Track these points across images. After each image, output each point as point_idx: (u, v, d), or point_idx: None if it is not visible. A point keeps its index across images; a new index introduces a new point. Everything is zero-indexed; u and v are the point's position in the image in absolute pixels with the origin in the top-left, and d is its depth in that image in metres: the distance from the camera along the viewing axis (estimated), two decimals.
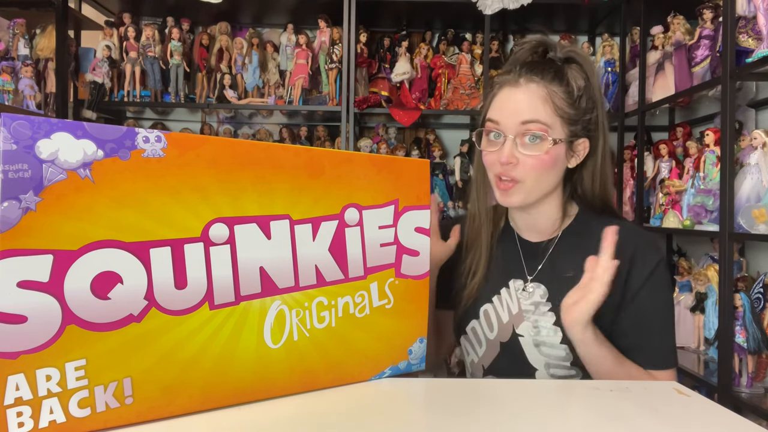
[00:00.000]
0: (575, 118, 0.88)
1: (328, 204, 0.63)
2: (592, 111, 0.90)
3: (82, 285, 0.49)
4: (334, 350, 0.66)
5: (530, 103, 0.86)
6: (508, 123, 0.87)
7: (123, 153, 0.51)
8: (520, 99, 0.87)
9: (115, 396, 0.51)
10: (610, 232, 0.81)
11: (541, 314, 0.91)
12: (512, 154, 0.87)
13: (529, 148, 0.86)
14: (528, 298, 0.93)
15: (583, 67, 0.90)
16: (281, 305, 0.61)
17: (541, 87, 0.87)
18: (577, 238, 0.93)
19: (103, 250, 0.50)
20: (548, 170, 0.88)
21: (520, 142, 0.87)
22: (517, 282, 0.95)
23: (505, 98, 0.89)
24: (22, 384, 0.47)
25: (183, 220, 0.54)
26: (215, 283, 0.56)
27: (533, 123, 0.86)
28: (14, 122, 0.46)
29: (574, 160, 0.92)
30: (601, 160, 0.93)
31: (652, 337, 0.88)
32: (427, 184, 0.73)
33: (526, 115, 0.86)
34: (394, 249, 0.70)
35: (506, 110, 0.88)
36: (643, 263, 0.88)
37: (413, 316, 0.72)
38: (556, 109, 0.87)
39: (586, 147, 0.92)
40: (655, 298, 0.89)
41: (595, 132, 0.92)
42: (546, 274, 0.94)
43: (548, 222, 0.95)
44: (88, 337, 0.50)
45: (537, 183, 0.88)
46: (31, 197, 0.46)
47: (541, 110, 0.86)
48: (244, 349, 0.59)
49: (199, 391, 0.56)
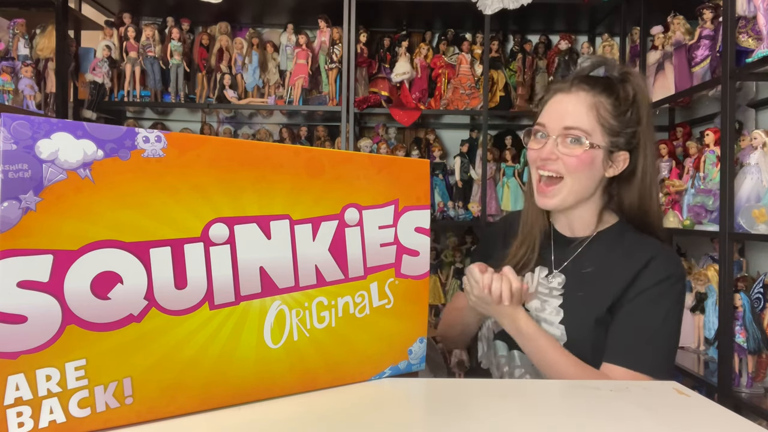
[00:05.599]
0: (617, 129, 0.95)
1: (328, 204, 0.63)
2: (635, 126, 0.96)
3: (82, 285, 0.49)
4: (334, 350, 0.66)
5: (575, 109, 0.94)
6: (552, 125, 0.95)
7: (123, 153, 0.51)
8: (567, 104, 0.95)
9: (115, 396, 0.51)
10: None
11: (552, 296, 0.97)
12: (552, 151, 0.94)
13: (568, 147, 0.94)
14: (548, 284, 0.99)
15: (634, 85, 0.97)
16: (281, 305, 0.61)
17: (589, 96, 0.94)
18: (608, 242, 0.99)
19: (103, 250, 0.50)
20: (585, 171, 0.94)
21: (561, 141, 0.94)
22: (543, 270, 1.02)
23: (555, 103, 0.97)
24: (22, 384, 0.47)
25: (183, 220, 0.54)
26: (215, 283, 0.56)
27: (575, 129, 0.93)
28: (14, 122, 0.46)
29: (612, 170, 0.97)
30: (641, 178, 0.98)
31: (632, 338, 0.89)
32: (427, 184, 0.73)
33: (569, 120, 0.94)
34: (394, 249, 0.70)
35: (553, 114, 0.96)
36: (655, 270, 0.92)
37: (413, 316, 0.73)
38: (598, 117, 0.94)
39: (626, 160, 0.97)
40: (651, 305, 0.90)
41: (636, 149, 0.97)
42: (569, 269, 0.99)
43: (582, 224, 1.01)
44: (88, 337, 0.50)
45: (575, 183, 0.94)
46: (31, 197, 0.46)
47: (584, 117, 0.93)
48: (244, 349, 0.59)
49: (199, 391, 0.56)
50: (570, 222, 1.02)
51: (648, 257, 0.92)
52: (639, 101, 0.96)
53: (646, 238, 0.98)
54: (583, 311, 0.93)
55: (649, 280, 0.91)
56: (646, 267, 0.91)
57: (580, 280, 0.96)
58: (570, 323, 0.93)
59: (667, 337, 0.90)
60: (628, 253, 0.95)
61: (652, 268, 0.91)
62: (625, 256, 0.95)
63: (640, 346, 0.89)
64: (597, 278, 0.95)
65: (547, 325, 0.95)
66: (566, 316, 0.94)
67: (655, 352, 0.89)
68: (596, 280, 0.95)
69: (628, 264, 0.93)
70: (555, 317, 0.94)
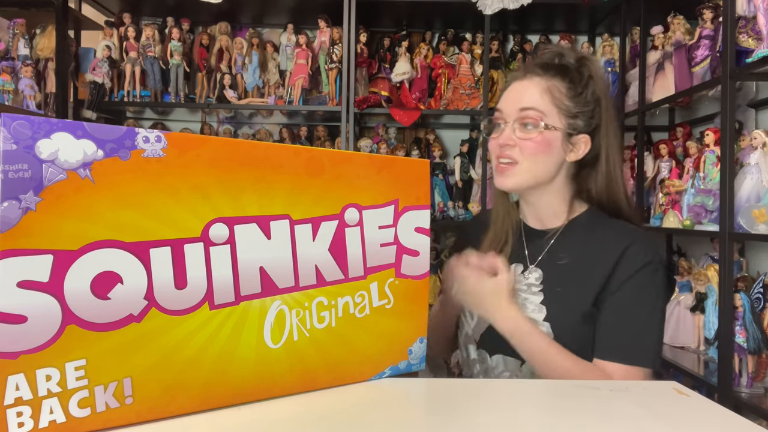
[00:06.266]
0: (574, 111, 0.94)
1: (328, 204, 0.63)
2: (592, 106, 0.95)
3: (82, 285, 0.49)
4: (334, 350, 0.66)
5: (529, 92, 0.94)
6: (508, 110, 0.95)
7: (123, 153, 0.50)
8: (521, 89, 0.96)
9: (115, 396, 0.51)
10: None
11: (532, 293, 0.95)
12: (509, 137, 0.94)
13: (524, 131, 0.93)
14: (524, 280, 0.97)
15: (590, 67, 0.97)
16: (281, 305, 0.61)
17: (543, 79, 0.95)
18: (580, 231, 0.97)
19: (103, 250, 0.50)
20: (542, 154, 0.93)
21: (518, 127, 0.94)
22: (518, 266, 1.00)
23: (511, 91, 0.98)
24: (22, 384, 0.47)
25: (183, 220, 0.54)
26: (215, 283, 0.56)
27: (530, 110, 0.93)
28: (14, 122, 0.46)
29: (573, 154, 0.96)
30: (605, 162, 0.97)
31: (624, 332, 0.89)
32: (427, 184, 0.73)
33: (524, 102, 0.94)
34: (394, 249, 0.70)
35: (509, 99, 0.97)
36: (633, 258, 0.90)
37: (413, 316, 0.72)
38: (553, 99, 0.94)
39: (587, 144, 0.96)
40: (636, 296, 0.90)
41: (597, 131, 0.96)
42: (545, 262, 0.98)
43: (549, 212, 1.00)
44: (88, 337, 0.50)
45: (532, 165, 0.94)
46: (31, 197, 0.46)
47: (538, 98, 0.93)
48: (244, 349, 0.59)
49: (199, 391, 0.56)
50: (538, 213, 1.00)
51: (624, 245, 0.91)
52: (595, 81, 0.95)
53: (618, 224, 0.96)
54: (568, 306, 0.92)
55: (629, 269, 0.90)
56: (623, 256, 0.90)
57: (558, 273, 0.95)
58: (555, 319, 0.91)
59: (656, 326, 0.90)
60: (602, 242, 0.93)
61: (629, 256, 0.90)
62: (600, 245, 0.93)
63: (631, 340, 0.88)
64: (575, 271, 0.93)
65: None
66: (550, 313, 0.92)
67: (646, 344, 0.89)
68: (574, 272, 0.93)
69: (604, 254, 0.92)
70: (538, 315, 0.93)
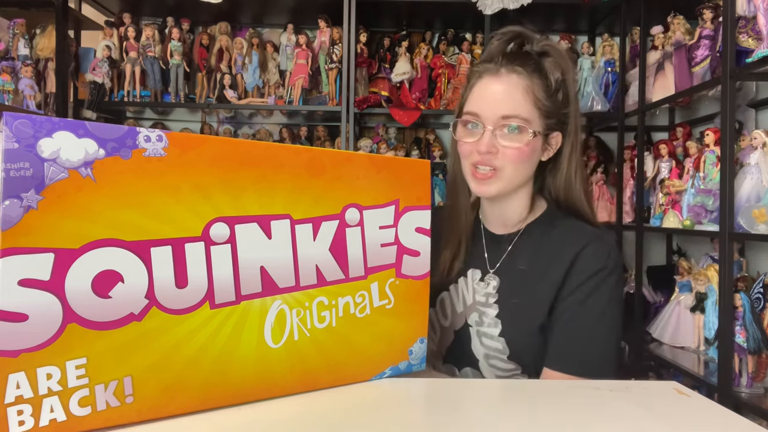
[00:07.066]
0: (552, 110, 0.89)
1: (328, 204, 0.63)
2: (566, 106, 0.91)
3: (83, 284, 0.49)
4: (335, 350, 0.66)
5: (511, 96, 0.86)
6: (487, 115, 0.87)
7: (124, 152, 0.51)
8: (501, 91, 0.87)
9: (116, 395, 0.51)
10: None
11: (488, 305, 0.92)
12: (492, 144, 0.87)
13: (508, 138, 0.87)
14: (483, 289, 0.94)
15: (559, 62, 0.90)
16: (282, 305, 0.61)
17: (522, 78, 0.87)
18: (538, 235, 0.94)
19: (103, 248, 0.50)
20: (526, 161, 0.89)
21: (500, 133, 0.87)
22: (476, 272, 0.96)
23: (485, 89, 0.89)
24: (22, 382, 0.47)
25: (184, 219, 0.54)
26: (216, 283, 0.56)
27: (513, 118, 0.86)
28: (16, 121, 0.46)
29: (546, 153, 0.93)
30: (568, 158, 0.93)
31: (572, 342, 0.85)
32: (427, 185, 0.73)
33: (506, 109, 0.86)
34: (395, 249, 0.70)
35: (486, 102, 0.88)
36: (585, 264, 0.86)
37: (414, 317, 0.72)
38: (535, 101, 0.87)
39: (558, 141, 0.93)
40: (586, 304, 0.85)
41: (566, 127, 0.92)
42: (504, 268, 0.94)
43: (515, 215, 0.96)
44: (89, 335, 0.50)
45: (515, 173, 0.89)
46: (32, 196, 0.46)
47: (521, 103, 0.86)
48: (244, 348, 0.59)
49: (199, 390, 0.56)
50: (503, 213, 0.95)
51: (577, 249, 0.87)
52: (567, 77, 0.90)
53: (575, 224, 0.92)
54: (522, 320, 0.88)
55: (581, 275, 0.86)
56: (577, 259, 0.86)
57: (515, 282, 0.90)
58: (510, 335, 0.88)
59: (604, 336, 0.85)
60: (557, 247, 0.89)
61: (582, 260, 0.86)
62: (555, 250, 0.89)
63: (577, 349, 0.85)
64: (530, 280, 0.90)
65: (488, 339, 0.90)
66: (505, 328, 0.88)
67: (593, 354, 0.85)
68: (530, 282, 0.90)
69: (557, 260, 0.88)
70: (494, 330, 0.89)
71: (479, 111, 0.88)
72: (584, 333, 0.85)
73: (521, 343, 0.88)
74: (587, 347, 0.85)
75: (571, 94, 0.91)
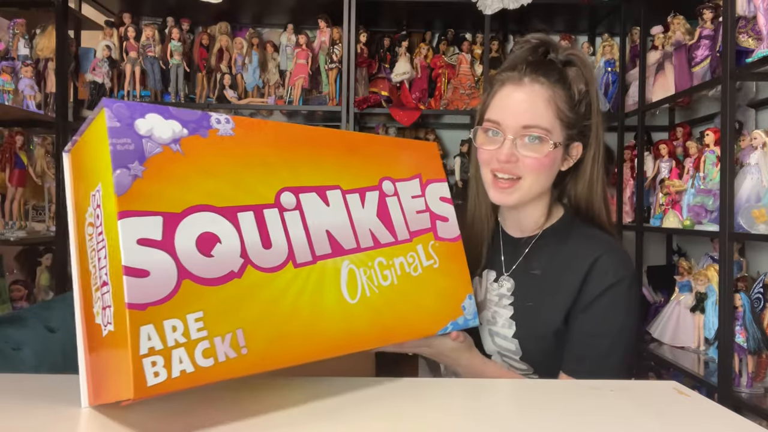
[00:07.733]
0: (574, 121, 0.89)
1: (367, 176, 0.73)
2: (589, 117, 0.91)
3: (189, 243, 0.54)
4: (402, 306, 0.71)
5: (533, 105, 0.86)
6: (509, 124, 0.87)
7: (202, 131, 0.59)
8: (523, 100, 0.87)
9: (232, 346, 0.54)
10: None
11: (502, 306, 0.93)
12: (512, 153, 0.87)
13: (528, 148, 0.87)
14: (496, 289, 0.95)
15: (584, 72, 0.90)
16: (350, 264, 0.67)
17: (545, 88, 0.87)
18: (554, 242, 0.94)
19: (201, 213, 0.56)
20: (546, 171, 0.89)
21: (520, 142, 0.87)
22: (491, 273, 0.97)
23: (507, 97, 0.88)
24: (153, 334, 0.50)
25: (258, 188, 0.61)
26: (294, 244, 0.62)
27: (534, 128, 0.86)
28: (115, 104, 0.53)
29: (566, 163, 0.93)
30: (590, 168, 0.93)
31: (591, 351, 0.86)
32: (439, 162, 0.84)
33: (528, 119, 0.86)
34: (428, 215, 0.79)
35: (508, 111, 0.87)
36: (601, 275, 0.87)
37: (458, 275, 0.80)
38: (557, 111, 0.87)
39: (579, 151, 0.93)
40: (606, 316, 0.86)
41: (588, 137, 0.92)
42: (520, 271, 0.95)
43: (531, 221, 0.96)
44: (202, 291, 0.53)
45: (535, 183, 0.89)
46: (137, 166, 0.53)
47: (543, 113, 0.86)
48: (328, 303, 0.63)
49: (298, 342, 0.60)
50: (520, 219, 0.96)
51: (593, 257, 0.87)
52: (591, 88, 0.90)
53: (591, 233, 0.93)
54: (537, 324, 0.89)
55: (599, 285, 0.86)
56: (593, 269, 0.87)
57: (530, 285, 0.91)
58: (524, 337, 0.89)
59: (624, 346, 0.87)
60: (573, 254, 0.90)
61: (599, 270, 0.87)
62: (570, 257, 0.90)
63: (597, 359, 0.85)
64: (546, 285, 0.90)
65: (501, 339, 0.91)
66: (519, 330, 0.89)
67: (612, 363, 0.86)
68: (545, 287, 0.90)
69: (572, 270, 0.88)
70: (507, 330, 0.90)
71: (500, 119, 0.88)
72: (606, 344, 0.86)
73: (534, 345, 0.89)
74: (606, 357, 0.86)
75: (594, 105, 0.91)
